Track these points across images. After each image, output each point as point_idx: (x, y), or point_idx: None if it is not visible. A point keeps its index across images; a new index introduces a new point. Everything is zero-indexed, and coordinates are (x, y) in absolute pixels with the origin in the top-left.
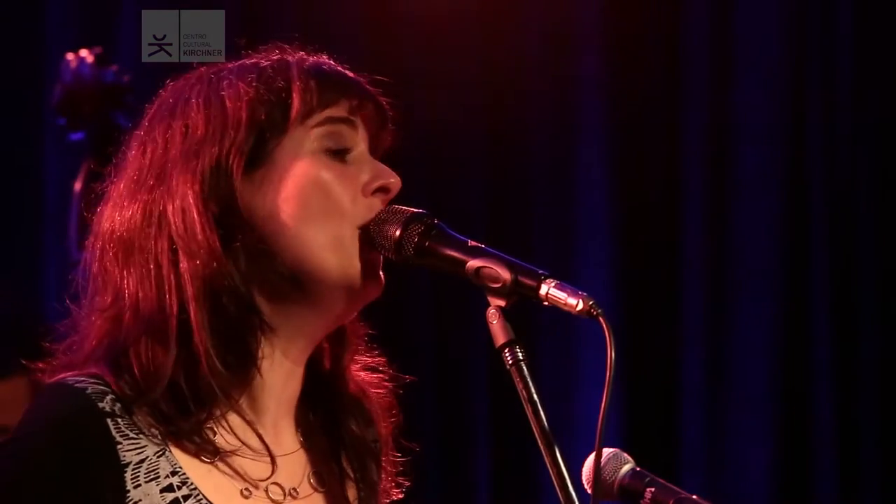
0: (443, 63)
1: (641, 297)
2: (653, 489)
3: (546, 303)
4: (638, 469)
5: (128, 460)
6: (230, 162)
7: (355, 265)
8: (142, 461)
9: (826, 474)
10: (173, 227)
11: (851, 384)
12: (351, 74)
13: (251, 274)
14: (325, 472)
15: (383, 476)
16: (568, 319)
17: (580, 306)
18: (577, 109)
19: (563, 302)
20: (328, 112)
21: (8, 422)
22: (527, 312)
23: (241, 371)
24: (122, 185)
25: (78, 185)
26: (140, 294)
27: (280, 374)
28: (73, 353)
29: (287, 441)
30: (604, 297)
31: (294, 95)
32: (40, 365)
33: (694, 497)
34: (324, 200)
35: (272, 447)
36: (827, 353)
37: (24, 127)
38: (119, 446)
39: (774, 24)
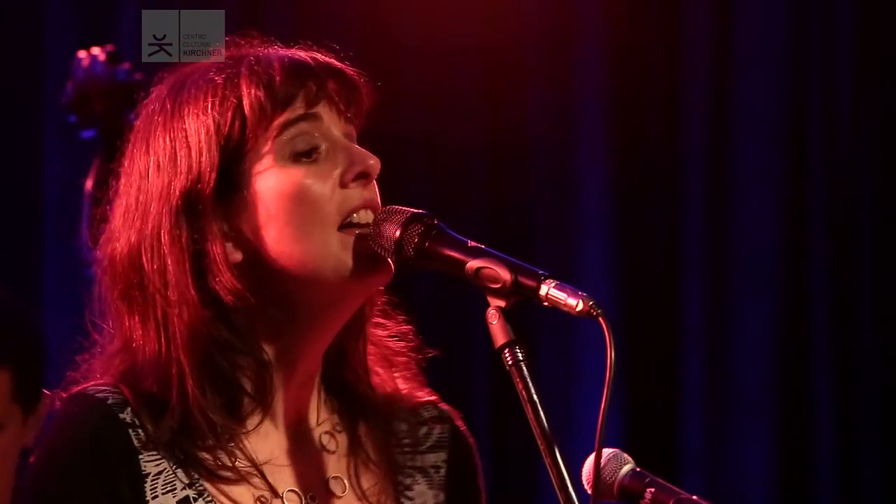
0: (443, 64)
1: (641, 298)
2: (653, 489)
3: (546, 303)
4: (638, 469)
5: (147, 471)
6: (204, 194)
7: (348, 264)
8: (160, 473)
9: (825, 474)
10: (156, 279)
11: (851, 384)
12: (304, 57)
13: (246, 318)
14: (346, 476)
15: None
16: (568, 320)
17: (580, 307)
18: (578, 110)
19: (562, 302)
20: (284, 116)
21: None
22: (527, 313)
23: (238, 409)
24: (118, 214)
25: (89, 184)
26: (143, 339)
27: (291, 392)
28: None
29: (308, 446)
30: (603, 298)
31: (246, 112)
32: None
33: (694, 497)
34: (301, 210)
35: (292, 455)
36: (826, 353)
37: (25, 127)
38: (140, 456)
39: (775, 23)
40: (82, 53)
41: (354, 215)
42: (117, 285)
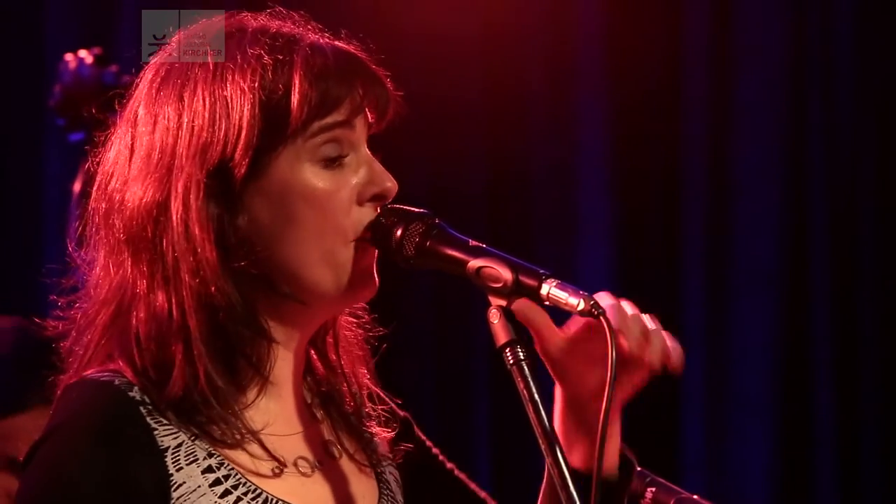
0: (443, 64)
1: (642, 297)
2: (653, 489)
3: (547, 302)
4: (639, 469)
5: (166, 445)
6: (235, 172)
7: (348, 277)
8: (179, 445)
9: (826, 475)
10: (176, 238)
11: (852, 385)
12: (359, 57)
13: (252, 292)
14: (336, 441)
15: (373, 431)
16: (569, 319)
17: (581, 306)
18: (578, 109)
19: (564, 302)
20: (328, 120)
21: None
22: None
23: (239, 378)
24: (137, 157)
25: (77, 186)
26: (152, 296)
27: (286, 367)
28: (79, 350)
29: (305, 416)
30: None
31: (293, 106)
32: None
33: (694, 497)
34: (317, 216)
35: (292, 424)
36: (827, 353)
37: (24, 127)
38: (155, 432)
39: (774, 22)
40: (69, 56)
41: (363, 235)
42: (125, 231)
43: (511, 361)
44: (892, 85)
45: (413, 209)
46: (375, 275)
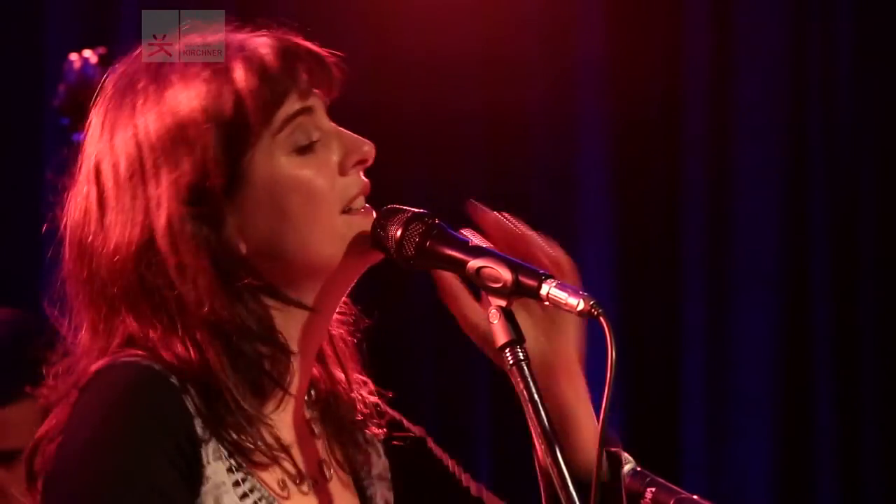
0: (443, 63)
1: (642, 297)
2: (653, 489)
3: (547, 303)
4: (638, 469)
5: (201, 435)
6: (212, 191)
7: (352, 243)
8: (210, 439)
9: (827, 475)
10: (172, 273)
11: (852, 385)
12: (288, 39)
13: (262, 308)
14: (330, 461)
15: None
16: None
17: (581, 306)
18: (578, 109)
19: (563, 302)
20: (283, 111)
21: (20, 445)
22: None
23: (263, 393)
24: (109, 212)
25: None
26: (168, 342)
27: (301, 379)
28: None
29: (306, 431)
30: (604, 297)
31: (248, 109)
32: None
33: (695, 497)
34: (307, 201)
35: (300, 438)
36: (827, 353)
37: (24, 128)
38: (195, 420)
39: (775, 22)
40: (73, 56)
41: (353, 202)
42: (118, 286)
43: (511, 361)
44: (892, 85)
45: (412, 209)
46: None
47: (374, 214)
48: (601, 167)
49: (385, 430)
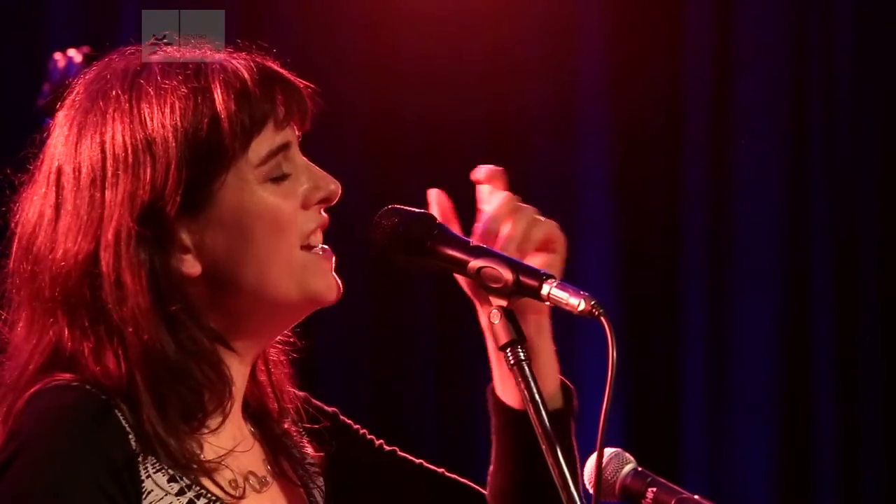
0: (444, 65)
1: (643, 297)
2: (654, 489)
3: (548, 303)
4: (640, 469)
5: (137, 450)
6: (167, 211)
7: (310, 282)
8: (147, 452)
9: (827, 475)
10: (108, 289)
11: (853, 384)
12: (267, 65)
13: (195, 330)
14: (270, 461)
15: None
16: (569, 319)
17: (582, 306)
18: (578, 110)
19: (564, 302)
20: (262, 140)
21: None
22: None
23: (195, 417)
24: (64, 215)
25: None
26: (100, 353)
27: (238, 391)
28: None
29: (246, 435)
30: (605, 297)
31: (225, 132)
32: None
33: (695, 497)
34: (271, 229)
35: (239, 442)
36: (828, 352)
37: (24, 128)
38: (130, 436)
39: (775, 19)
40: (58, 55)
41: (311, 237)
42: (61, 291)
43: (512, 362)
44: (892, 85)
45: (413, 210)
46: (337, 279)
47: (333, 258)
48: (602, 169)
49: (307, 418)
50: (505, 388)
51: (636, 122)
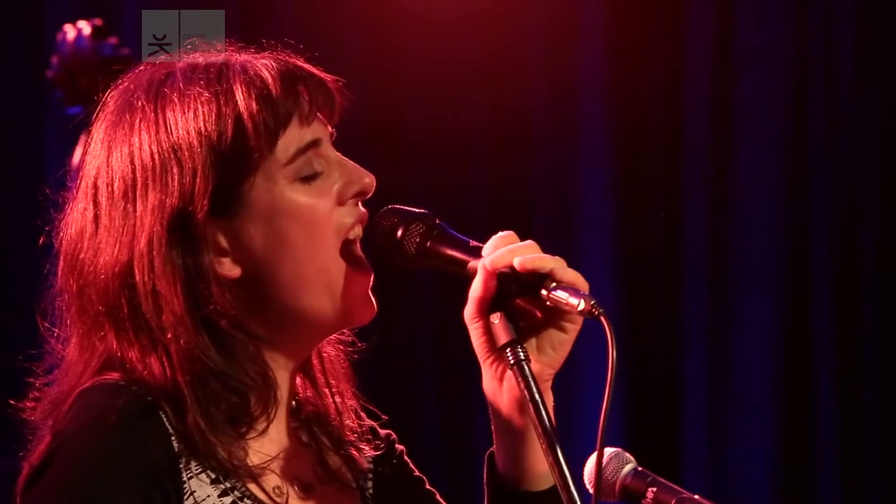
0: (444, 64)
1: (643, 297)
2: (654, 489)
3: (548, 302)
4: (640, 469)
5: (179, 451)
6: (196, 215)
7: (346, 300)
8: (191, 454)
9: (827, 474)
10: (145, 298)
11: (852, 385)
12: (290, 62)
13: (237, 333)
14: (322, 464)
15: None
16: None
17: (582, 306)
18: (579, 110)
19: (564, 301)
20: (289, 136)
21: None
22: None
23: (242, 421)
24: (102, 226)
25: (75, 160)
26: (139, 360)
27: (285, 398)
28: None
29: (294, 440)
30: (605, 297)
31: (250, 134)
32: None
33: (696, 497)
34: (306, 231)
35: (285, 447)
36: (828, 353)
37: (25, 127)
38: (173, 437)
39: (776, 21)
40: (67, 27)
41: (350, 233)
42: (104, 304)
43: (512, 361)
44: (892, 85)
45: (413, 209)
46: (372, 298)
47: (371, 276)
48: (602, 168)
49: (374, 447)
50: (506, 457)
51: (636, 122)
